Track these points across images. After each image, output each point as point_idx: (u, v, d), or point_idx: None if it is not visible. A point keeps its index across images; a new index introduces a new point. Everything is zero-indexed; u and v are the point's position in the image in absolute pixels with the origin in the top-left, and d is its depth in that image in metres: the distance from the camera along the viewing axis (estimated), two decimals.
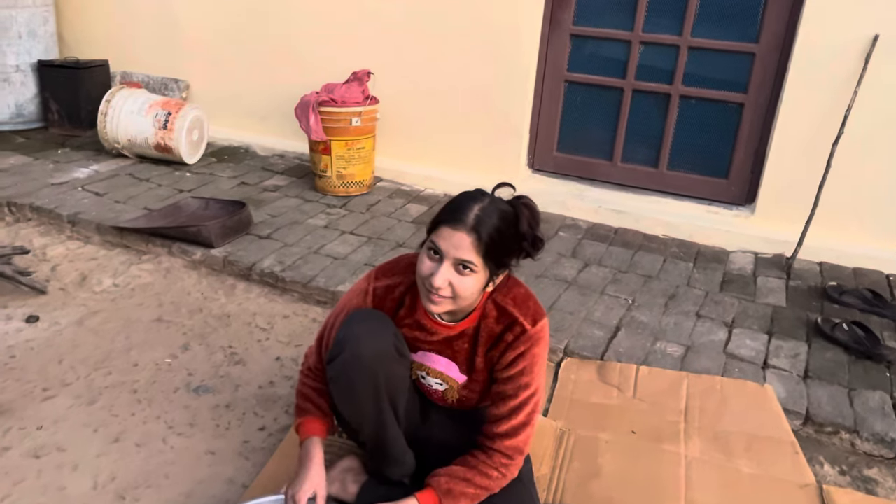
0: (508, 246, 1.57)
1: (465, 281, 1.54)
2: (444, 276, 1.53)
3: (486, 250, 1.52)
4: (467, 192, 1.59)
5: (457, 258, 1.52)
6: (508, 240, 1.55)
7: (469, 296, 1.58)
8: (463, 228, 1.50)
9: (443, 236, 1.53)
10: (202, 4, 4.52)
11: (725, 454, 2.18)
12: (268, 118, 4.52)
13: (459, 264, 1.52)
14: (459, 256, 1.52)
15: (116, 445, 2.09)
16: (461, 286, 1.54)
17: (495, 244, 1.52)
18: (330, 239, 3.37)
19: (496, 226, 1.51)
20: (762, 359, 2.64)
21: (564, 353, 2.63)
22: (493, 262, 1.55)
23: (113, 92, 4.11)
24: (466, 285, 1.55)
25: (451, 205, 1.56)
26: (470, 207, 1.52)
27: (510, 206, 1.57)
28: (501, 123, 3.97)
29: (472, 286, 1.56)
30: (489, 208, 1.53)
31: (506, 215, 1.55)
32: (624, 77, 3.77)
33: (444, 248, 1.52)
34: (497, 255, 1.54)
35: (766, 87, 3.51)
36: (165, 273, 3.11)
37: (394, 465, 1.82)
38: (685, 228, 3.67)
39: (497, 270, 1.59)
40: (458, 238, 1.51)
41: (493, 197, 1.58)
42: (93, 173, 3.97)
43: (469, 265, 1.52)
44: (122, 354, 2.53)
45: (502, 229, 1.53)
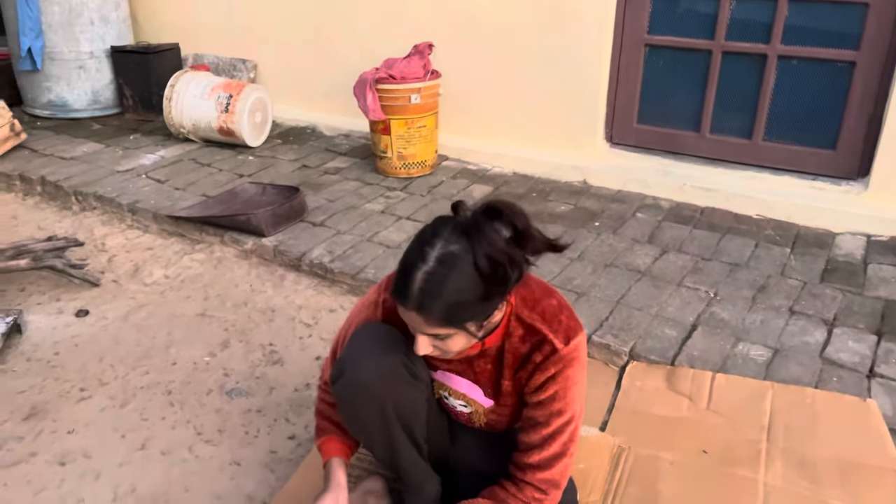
0: (476, 298, 1.26)
1: (449, 343, 1.33)
2: (425, 346, 1.34)
3: (446, 319, 1.26)
4: (415, 244, 1.30)
5: (424, 332, 1.31)
6: (472, 293, 1.25)
7: (463, 349, 1.38)
8: (411, 307, 1.26)
9: (400, 312, 1.32)
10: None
11: (814, 483, 1.86)
12: (333, 96, 4.38)
13: (430, 336, 1.32)
14: (424, 332, 1.31)
15: (141, 453, 2.02)
16: (448, 348, 1.35)
17: (455, 308, 1.25)
18: (385, 225, 3.19)
19: (450, 290, 1.23)
20: (868, 365, 2.25)
21: (630, 357, 2.34)
22: (465, 321, 1.28)
23: (177, 76, 4.08)
24: (452, 346, 1.34)
25: (399, 269, 1.29)
26: (413, 278, 1.24)
27: (467, 242, 1.24)
28: (575, 94, 3.64)
29: (459, 344, 1.35)
30: (436, 271, 1.23)
31: (460, 266, 1.23)
32: (713, 37, 3.34)
33: (406, 322, 1.33)
34: (465, 314, 1.27)
35: (882, 44, 3.01)
36: (217, 263, 3.04)
37: (413, 493, 1.64)
38: (783, 208, 3.24)
39: (482, 318, 1.31)
40: (411, 317, 1.29)
41: (447, 240, 1.25)
42: (158, 159, 3.97)
43: (439, 336, 1.31)
44: (161, 352, 2.46)
45: (460, 288, 1.23)
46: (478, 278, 1.24)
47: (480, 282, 1.24)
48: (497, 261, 1.24)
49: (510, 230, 1.27)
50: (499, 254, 1.24)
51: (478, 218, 1.27)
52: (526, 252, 1.30)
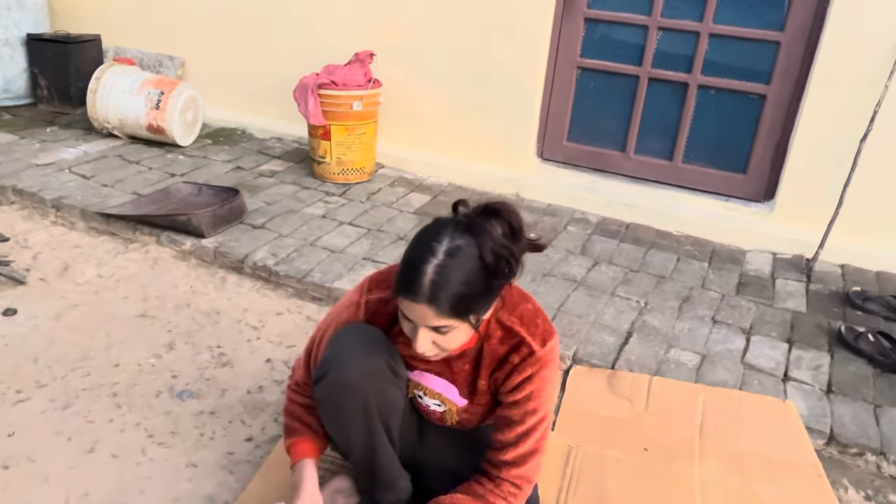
0: (480, 291, 1.34)
1: (449, 338, 1.39)
2: (425, 342, 1.38)
3: (456, 311, 1.32)
4: (420, 242, 1.35)
5: (428, 326, 1.36)
6: (478, 286, 1.33)
7: (461, 345, 1.44)
8: (421, 300, 1.30)
9: (405, 307, 1.35)
10: None
11: (743, 476, 2.04)
12: (266, 99, 4.34)
13: (434, 329, 1.37)
14: (430, 325, 1.35)
15: (91, 456, 1.95)
16: (447, 343, 1.40)
17: (463, 300, 1.32)
18: (327, 230, 3.21)
19: (459, 281, 1.30)
20: (782, 370, 2.48)
21: (573, 361, 2.47)
22: (469, 313, 1.35)
23: (103, 69, 3.93)
24: (452, 342, 1.40)
25: (404, 270, 1.35)
26: (422, 272, 1.29)
27: (471, 237, 1.32)
28: (510, 110, 3.79)
29: (459, 339, 1.41)
30: (445, 264, 1.29)
31: (466, 260, 1.31)
32: (640, 64, 3.57)
33: (412, 317, 1.36)
34: (470, 307, 1.34)
35: (790, 79, 3.32)
36: (153, 264, 2.96)
37: (386, 490, 1.68)
38: (700, 225, 3.50)
39: (483, 311, 1.40)
40: (420, 310, 1.33)
41: (452, 236, 1.32)
42: (81, 154, 3.80)
43: (443, 329, 1.36)
44: (101, 353, 2.38)
45: (468, 280, 1.31)
46: (483, 271, 1.32)
47: (484, 275, 1.32)
48: (500, 255, 1.32)
49: (507, 228, 1.36)
50: (501, 248, 1.32)
51: (478, 216, 1.35)
52: (520, 248, 1.39)
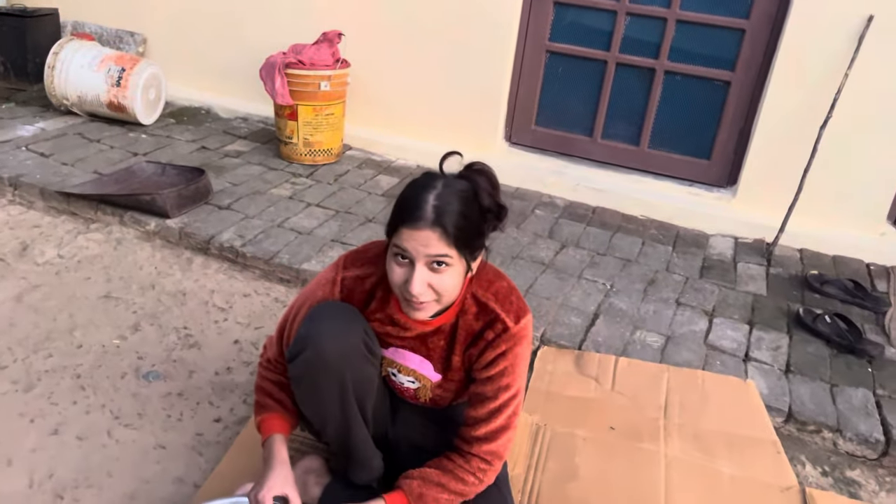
0: (476, 226, 1.41)
1: (444, 278, 1.38)
2: (422, 281, 1.36)
3: (456, 239, 1.35)
4: (416, 181, 1.41)
5: (428, 256, 1.35)
6: (474, 220, 1.39)
7: (453, 291, 1.42)
8: (425, 225, 1.33)
9: (406, 238, 1.35)
10: None
11: (706, 454, 2.09)
12: (231, 78, 4.26)
13: (433, 262, 1.36)
14: (431, 253, 1.35)
15: (55, 438, 1.92)
16: (442, 285, 1.38)
17: (463, 230, 1.36)
18: (294, 211, 3.18)
19: (458, 211, 1.35)
20: (743, 351, 2.55)
21: (541, 342, 2.50)
22: (466, 248, 1.39)
23: (61, 44, 3.81)
24: (447, 282, 1.39)
25: (404, 201, 1.38)
26: (425, 199, 1.34)
27: (466, 182, 1.40)
28: (479, 93, 3.79)
29: (452, 281, 1.40)
30: (445, 193, 1.35)
31: (465, 195, 1.38)
32: (608, 49, 3.60)
33: (411, 249, 1.35)
34: (468, 239, 1.38)
35: (753, 66, 3.38)
36: (116, 244, 2.90)
37: (360, 468, 1.68)
38: (665, 210, 3.56)
39: (473, 255, 1.43)
40: (423, 236, 1.34)
41: (446, 178, 1.40)
42: (38, 132, 3.69)
43: (443, 260, 1.36)
44: (64, 335, 2.33)
45: (465, 212, 1.36)
46: (478, 209, 1.39)
47: (478, 212, 1.40)
48: (494, 198, 1.41)
49: (490, 184, 1.43)
50: (494, 193, 1.41)
51: (467, 169, 1.43)
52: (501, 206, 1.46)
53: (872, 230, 3.34)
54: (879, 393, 2.38)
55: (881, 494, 2.08)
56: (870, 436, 2.18)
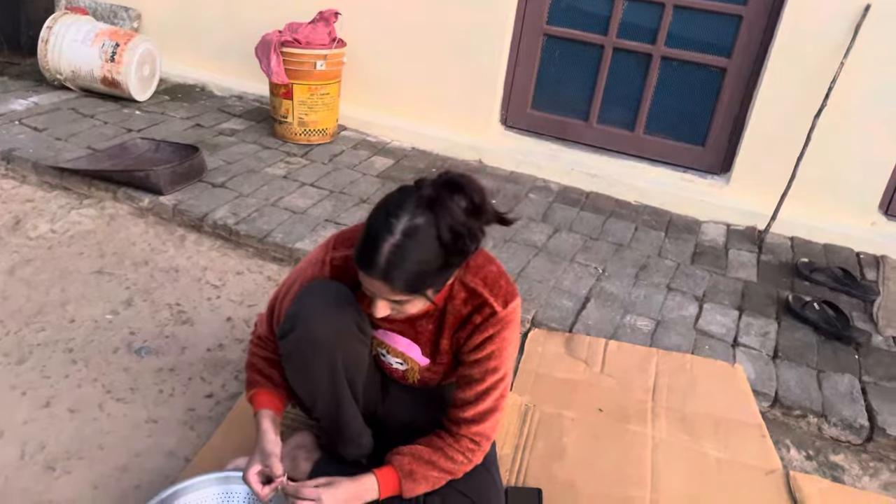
0: (437, 268, 1.34)
1: (406, 307, 1.40)
2: (382, 310, 1.39)
3: (409, 287, 1.33)
4: (380, 215, 1.32)
5: (385, 298, 1.37)
6: (434, 264, 1.33)
7: (419, 310, 1.45)
8: (376, 275, 1.31)
9: (362, 278, 1.37)
10: None
11: (692, 436, 2.12)
12: (226, 56, 4.24)
13: (390, 301, 1.38)
14: (386, 297, 1.36)
15: (47, 411, 1.93)
16: (405, 311, 1.42)
17: (418, 278, 1.33)
18: (289, 191, 3.18)
19: (414, 261, 1.30)
20: (732, 336, 2.57)
21: (532, 324, 2.52)
22: (423, 289, 1.36)
23: (55, 17, 3.77)
24: (410, 309, 1.42)
25: (364, 238, 1.33)
26: (380, 247, 1.29)
27: (431, 215, 1.30)
28: (475, 76, 3.77)
29: (416, 307, 1.43)
30: (402, 244, 1.29)
31: (423, 239, 1.30)
32: (605, 34, 3.59)
33: (368, 287, 1.37)
34: (424, 284, 1.35)
35: (750, 53, 3.38)
36: (109, 220, 2.89)
37: (349, 445, 1.70)
38: (658, 196, 3.57)
39: (440, 285, 1.40)
40: (376, 284, 1.34)
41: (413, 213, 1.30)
42: (32, 106, 3.67)
43: (401, 300, 1.37)
44: (57, 308, 2.34)
45: (425, 259, 1.31)
46: (440, 250, 1.31)
47: (442, 253, 1.32)
48: (458, 233, 1.31)
49: (469, 203, 1.34)
50: (460, 226, 1.31)
51: (440, 191, 1.32)
52: (481, 223, 1.38)
53: (863, 219, 3.36)
54: (865, 379, 2.41)
55: (864, 479, 2.11)
56: (854, 421, 2.21)
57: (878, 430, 2.19)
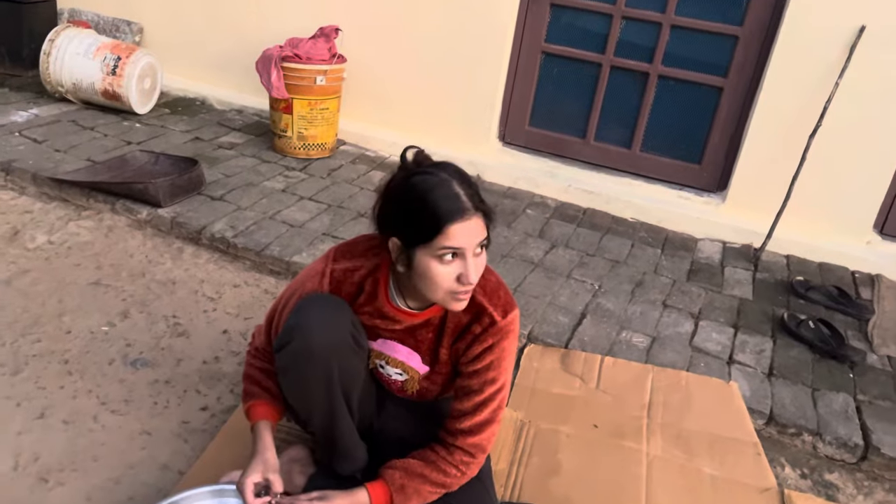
0: None
1: (482, 259, 1.45)
2: (477, 270, 1.42)
3: (490, 217, 1.42)
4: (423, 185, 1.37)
5: (477, 243, 1.40)
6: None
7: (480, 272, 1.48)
8: (471, 215, 1.36)
9: (457, 234, 1.35)
10: None
11: (687, 453, 2.12)
12: (227, 70, 4.27)
13: (478, 247, 1.41)
14: (479, 240, 1.40)
15: (41, 422, 1.92)
16: (482, 266, 1.46)
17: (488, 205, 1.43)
18: (287, 204, 3.19)
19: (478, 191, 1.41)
20: (728, 353, 2.58)
21: (528, 340, 2.53)
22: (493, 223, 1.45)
23: (58, 31, 3.80)
24: (484, 263, 1.47)
25: (434, 205, 1.35)
26: (455, 192, 1.36)
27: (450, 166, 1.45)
28: (474, 92, 3.80)
29: (485, 260, 1.48)
30: (460, 180, 1.40)
31: (465, 175, 1.44)
32: (603, 52, 3.63)
33: (464, 243, 1.37)
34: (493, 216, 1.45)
35: (746, 73, 3.42)
36: (107, 232, 2.90)
37: (344, 459, 1.69)
38: (655, 213, 3.59)
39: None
40: (473, 225, 1.37)
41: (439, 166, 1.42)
42: (32, 117, 3.69)
43: (484, 242, 1.42)
44: (53, 319, 2.34)
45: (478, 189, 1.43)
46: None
47: None
48: None
49: None
50: None
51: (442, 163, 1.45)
52: None
53: (858, 238, 3.38)
54: (860, 398, 2.41)
55: (858, 498, 2.11)
56: (849, 440, 2.21)
57: (872, 449, 2.19)
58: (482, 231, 1.39)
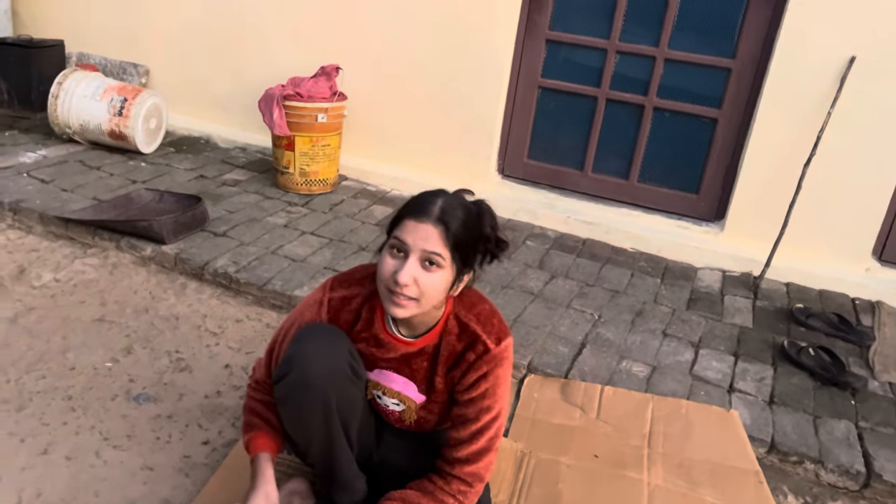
0: (473, 242, 1.49)
1: (432, 277, 1.44)
2: (410, 273, 1.42)
3: (454, 242, 1.43)
4: (428, 191, 1.51)
5: (424, 251, 1.42)
6: (473, 235, 1.48)
7: (435, 296, 1.47)
8: (429, 220, 1.42)
9: (408, 230, 1.43)
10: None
11: (689, 483, 2.11)
12: (231, 109, 4.36)
13: (426, 259, 1.43)
14: (427, 248, 1.42)
15: (44, 458, 1.94)
16: (427, 284, 1.44)
17: (461, 236, 1.44)
18: (289, 239, 3.23)
19: (462, 218, 1.44)
20: (728, 382, 2.58)
21: (528, 370, 2.54)
22: (458, 255, 1.46)
23: (66, 74, 3.90)
24: (433, 283, 1.44)
25: (414, 200, 1.49)
26: (434, 201, 1.45)
27: (474, 204, 1.52)
28: (472, 127, 3.87)
29: (438, 284, 1.45)
30: (453, 202, 1.46)
31: (469, 211, 1.48)
32: (598, 86, 3.69)
33: (410, 241, 1.42)
34: (463, 248, 1.46)
35: (740, 104, 3.47)
36: (112, 269, 2.94)
37: (343, 490, 1.71)
38: (654, 243, 3.62)
39: (462, 269, 1.50)
40: (425, 230, 1.41)
41: (456, 193, 1.52)
42: (40, 158, 3.76)
43: (436, 259, 1.43)
44: (57, 356, 2.37)
45: (467, 222, 1.46)
46: (478, 226, 1.49)
47: (478, 229, 1.48)
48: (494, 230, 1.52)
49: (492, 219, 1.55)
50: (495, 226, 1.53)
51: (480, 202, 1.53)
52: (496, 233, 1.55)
53: (857, 265, 3.39)
54: (862, 425, 2.41)
55: None
56: (851, 467, 2.21)
57: (874, 476, 2.18)
58: (434, 241, 1.42)
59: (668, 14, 3.46)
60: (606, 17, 3.58)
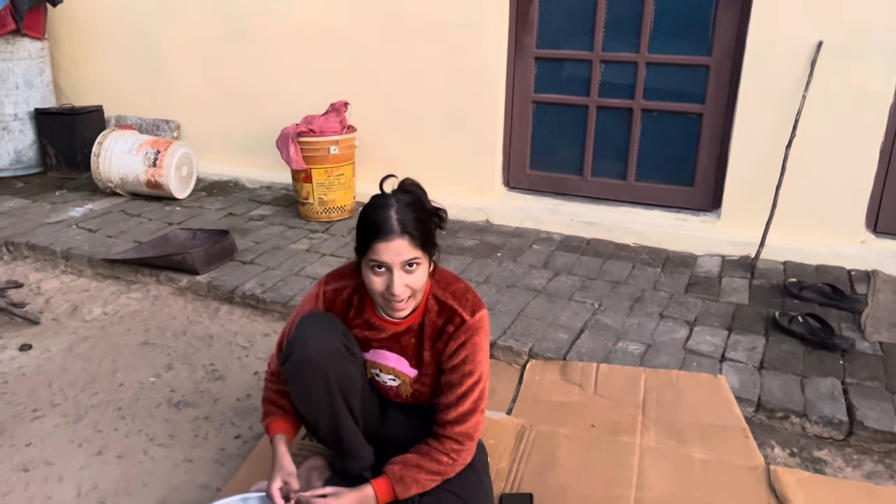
0: (429, 227, 1.72)
1: (417, 274, 1.69)
2: (401, 282, 1.67)
3: (421, 241, 1.67)
4: (371, 205, 1.71)
5: (403, 262, 1.66)
6: (427, 223, 1.71)
7: (423, 285, 1.73)
8: (394, 235, 1.64)
9: (380, 251, 1.65)
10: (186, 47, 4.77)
11: (679, 442, 2.28)
12: (255, 151, 4.72)
13: (407, 265, 1.66)
14: (405, 258, 1.65)
15: (99, 458, 2.23)
16: (416, 281, 1.69)
17: (422, 231, 1.68)
18: (310, 261, 3.52)
19: (414, 215, 1.66)
20: (720, 353, 2.73)
21: (529, 356, 2.74)
22: (427, 246, 1.70)
23: (105, 134, 4.32)
24: (419, 277, 1.70)
25: (370, 223, 1.67)
26: (388, 216, 1.64)
27: (409, 195, 1.72)
28: (476, 145, 4.13)
29: (423, 276, 1.71)
30: (401, 208, 1.66)
31: (414, 203, 1.69)
32: (588, 95, 3.93)
33: (388, 260, 1.65)
34: (427, 239, 1.70)
35: (721, 97, 3.66)
36: (153, 300, 3.27)
37: (352, 459, 1.93)
38: (655, 236, 3.80)
39: (432, 252, 1.75)
40: (396, 245, 1.64)
41: (395, 194, 1.71)
42: (87, 212, 4.17)
43: (414, 261, 1.67)
44: (108, 376, 2.68)
45: (419, 215, 1.68)
46: (423, 208, 1.71)
47: (425, 212, 1.71)
48: (436, 206, 1.75)
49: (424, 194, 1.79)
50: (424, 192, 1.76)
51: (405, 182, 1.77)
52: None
53: (852, 239, 3.51)
54: (848, 381, 2.53)
55: (846, 469, 2.22)
56: (833, 417, 2.34)
57: (857, 424, 2.31)
58: (407, 250, 1.64)
59: (645, 20, 3.69)
60: (588, 30, 3.83)
